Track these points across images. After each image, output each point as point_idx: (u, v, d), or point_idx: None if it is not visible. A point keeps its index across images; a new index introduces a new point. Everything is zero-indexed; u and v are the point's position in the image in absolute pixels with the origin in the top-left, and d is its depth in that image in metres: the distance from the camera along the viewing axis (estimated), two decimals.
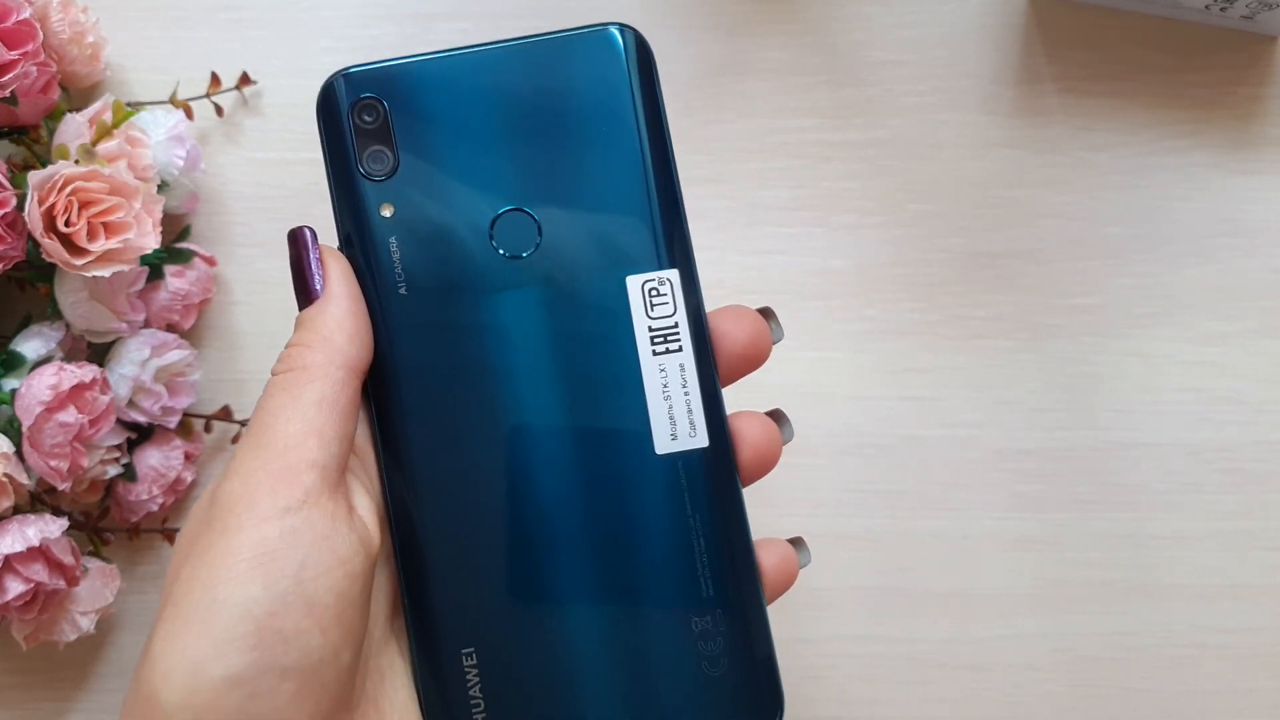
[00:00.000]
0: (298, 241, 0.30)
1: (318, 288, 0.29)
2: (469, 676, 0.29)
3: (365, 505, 0.29)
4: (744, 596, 0.30)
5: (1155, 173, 0.46)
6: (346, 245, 0.30)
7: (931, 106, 0.47)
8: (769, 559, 0.30)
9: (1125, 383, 0.46)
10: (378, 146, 0.29)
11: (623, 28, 0.30)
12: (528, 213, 0.29)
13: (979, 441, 0.46)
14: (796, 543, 0.32)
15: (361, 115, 0.29)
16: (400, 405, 0.29)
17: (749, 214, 0.46)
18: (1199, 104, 0.46)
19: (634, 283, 0.29)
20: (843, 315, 0.46)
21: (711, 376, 0.30)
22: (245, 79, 0.47)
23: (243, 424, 0.46)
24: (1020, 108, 0.47)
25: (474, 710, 0.29)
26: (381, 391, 0.29)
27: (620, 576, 0.29)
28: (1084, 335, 0.46)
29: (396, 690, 0.29)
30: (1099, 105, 0.46)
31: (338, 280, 0.29)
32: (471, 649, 0.29)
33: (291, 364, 0.28)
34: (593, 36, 0.30)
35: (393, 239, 0.29)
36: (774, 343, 0.31)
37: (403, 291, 0.29)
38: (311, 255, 0.29)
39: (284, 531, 0.26)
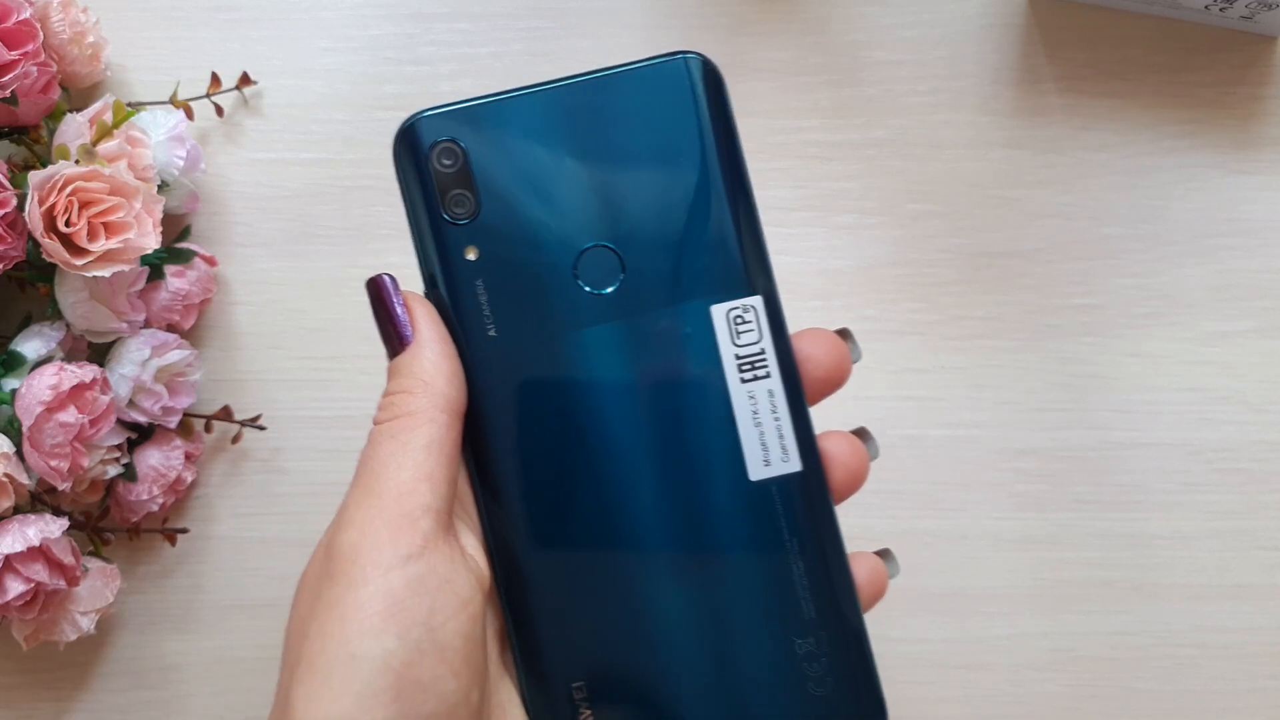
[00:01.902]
0: (380, 290, 0.30)
1: (408, 334, 0.29)
2: (580, 709, 0.29)
3: (472, 543, 0.29)
4: (844, 615, 0.30)
5: (1155, 173, 0.46)
6: (431, 288, 0.30)
7: (931, 106, 0.47)
8: (860, 573, 0.31)
9: (1125, 383, 0.46)
10: (459, 190, 0.29)
11: (691, 56, 0.30)
12: (610, 248, 0.29)
13: (979, 441, 0.46)
14: (884, 554, 0.32)
15: (440, 159, 0.29)
16: (497, 444, 0.29)
17: None
18: (1199, 104, 0.46)
19: (719, 311, 0.29)
20: (843, 315, 0.46)
21: (800, 400, 0.30)
22: (245, 79, 0.47)
23: (243, 424, 0.46)
24: (1020, 108, 0.47)
25: None
26: (477, 431, 0.29)
27: (723, 605, 0.30)
28: (1084, 335, 0.46)
29: None
30: (1099, 105, 0.46)
31: (427, 325, 0.29)
32: (581, 683, 0.29)
33: (396, 411, 0.28)
34: (664, 67, 0.29)
35: (479, 281, 0.29)
36: (854, 363, 0.31)
37: (491, 333, 0.29)
38: (396, 302, 0.29)
39: (409, 580, 0.26)
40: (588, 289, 0.29)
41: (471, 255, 0.29)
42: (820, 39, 0.47)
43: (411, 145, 0.29)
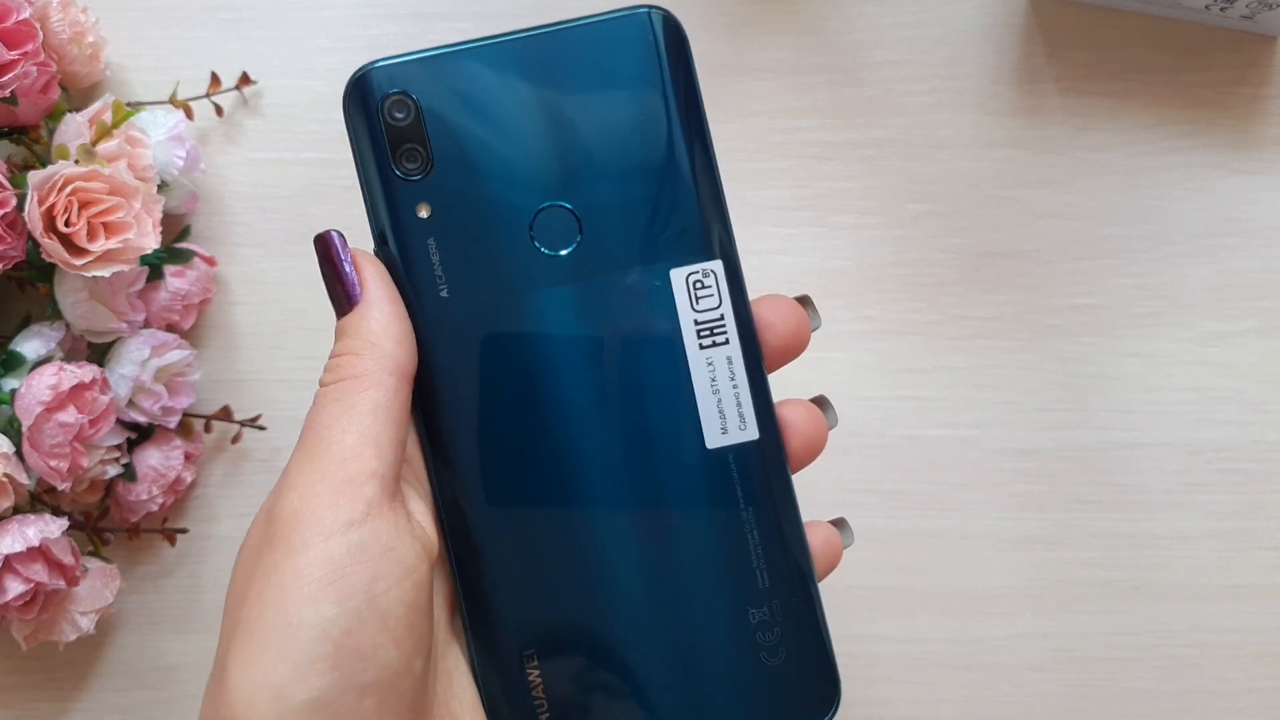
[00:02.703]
0: (328, 246, 0.29)
1: (356, 293, 0.28)
2: (530, 677, 0.29)
3: (421, 510, 0.29)
4: (799, 586, 0.30)
5: (1155, 173, 0.46)
6: (382, 245, 0.29)
7: (931, 106, 0.47)
8: (815, 542, 0.30)
9: (1125, 383, 0.46)
10: (410, 144, 0.28)
11: (654, 10, 0.29)
12: (567, 208, 0.29)
13: (979, 441, 0.46)
14: (839, 524, 0.32)
15: (392, 112, 0.28)
16: (448, 408, 0.29)
17: (749, 214, 0.46)
18: (1199, 104, 0.46)
19: (678, 275, 0.29)
20: (843, 315, 0.46)
21: (759, 368, 0.30)
22: (245, 79, 0.47)
23: (242, 424, 0.46)
24: (1020, 108, 0.47)
25: (538, 712, 0.29)
26: (427, 394, 0.29)
27: (676, 574, 0.29)
28: (1084, 335, 0.46)
29: (464, 690, 0.29)
30: (1099, 105, 0.46)
31: (376, 284, 0.28)
32: (532, 650, 0.29)
33: (341, 373, 0.28)
34: (624, 21, 0.28)
35: (431, 240, 0.28)
36: (813, 331, 0.31)
37: (444, 294, 0.28)
38: (344, 260, 0.28)
39: (351, 547, 0.26)
40: (544, 250, 0.29)
41: (423, 213, 0.28)
42: (820, 39, 0.47)
43: (362, 97, 0.28)
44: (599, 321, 0.29)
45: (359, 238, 0.49)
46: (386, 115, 0.28)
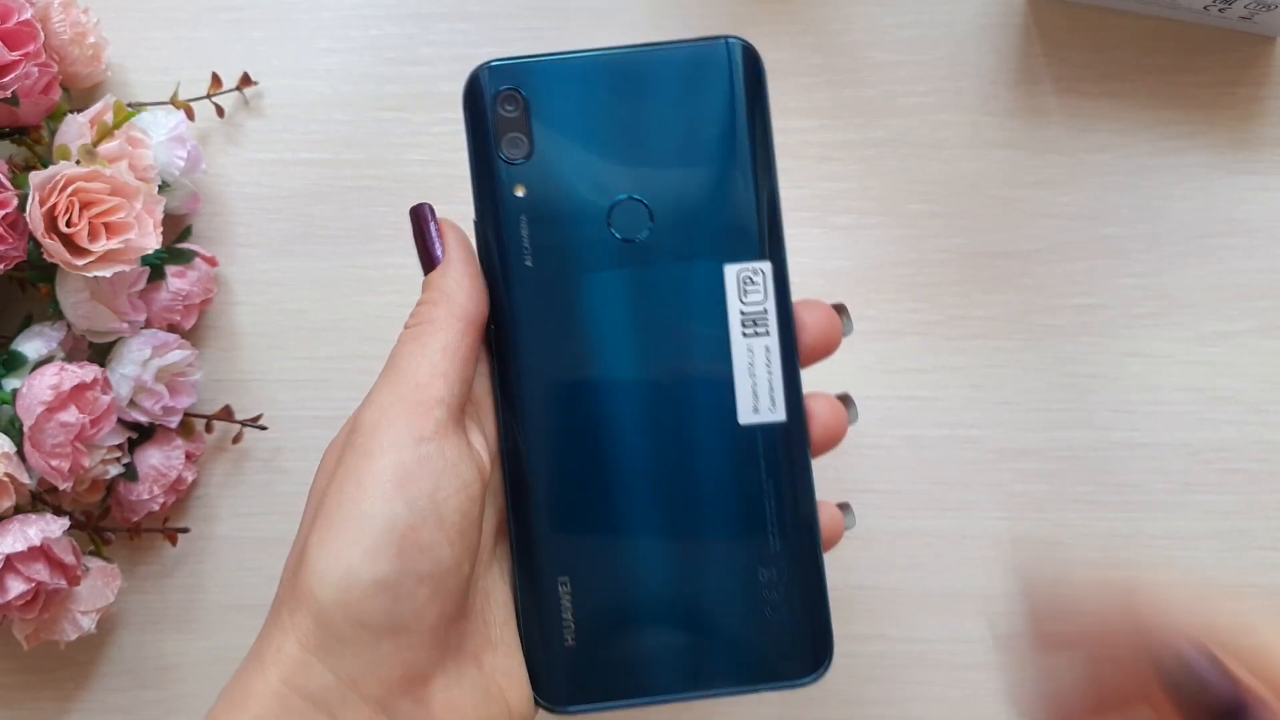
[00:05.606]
0: (420, 216, 0.34)
1: (439, 254, 0.33)
2: (563, 602, 0.33)
3: (480, 441, 0.33)
4: (806, 553, 0.33)
5: (1155, 173, 0.46)
6: (481, 218, 0.33)
7: (931, 106, 0.47)
8: (820, 518, 0.34)
9: (1125, 383, 0.46)
10: (515, 134, 0.33)
11: (735, 40, 0.33)
12: (642, 202, 0.33)
13: (979, 441, 0.46)
14: (844, 507, 0.35)
15: (503, 104, 0.33)
16: (518, 360, 0.33)
17: None
18: (1199, 104, 0.46)
19: (731, 271, 0.33)
20: None
21: (793, 360, 0.33)
22: (246, 80, 0.47)
23: (243, 424, 0.46)
24: (1020, 108, 0.47)
25: (565, 631, 0.33)
26: (503, 347, 0.33)
27: (700, 526, 0.33)
28: (1084, 335, 0.46)
29: (499, 608, 0.33)
30: (1098, 105, 0.46)
31: (455, 247, 0.33)
32: (567, 578, 0.33)
33: (420, 319, 0.32)
34: (709, 47, 0.33)
35: (523, 216, 0.33)
36: (844, 336, 0.34)
37: (528, 263, 0.33)
38: (431, 227, 0.33)
39: (420, 458, 0.30)
40: (618, 235, 0.33)
41: (519, 192, 0.33)
42: (820, 39, 0.47)
43: (479, 90, 0.33)
44: (657, 301, 0.33)
45: (363, 238, 0.49)
46: (499, 107, 0.33)
